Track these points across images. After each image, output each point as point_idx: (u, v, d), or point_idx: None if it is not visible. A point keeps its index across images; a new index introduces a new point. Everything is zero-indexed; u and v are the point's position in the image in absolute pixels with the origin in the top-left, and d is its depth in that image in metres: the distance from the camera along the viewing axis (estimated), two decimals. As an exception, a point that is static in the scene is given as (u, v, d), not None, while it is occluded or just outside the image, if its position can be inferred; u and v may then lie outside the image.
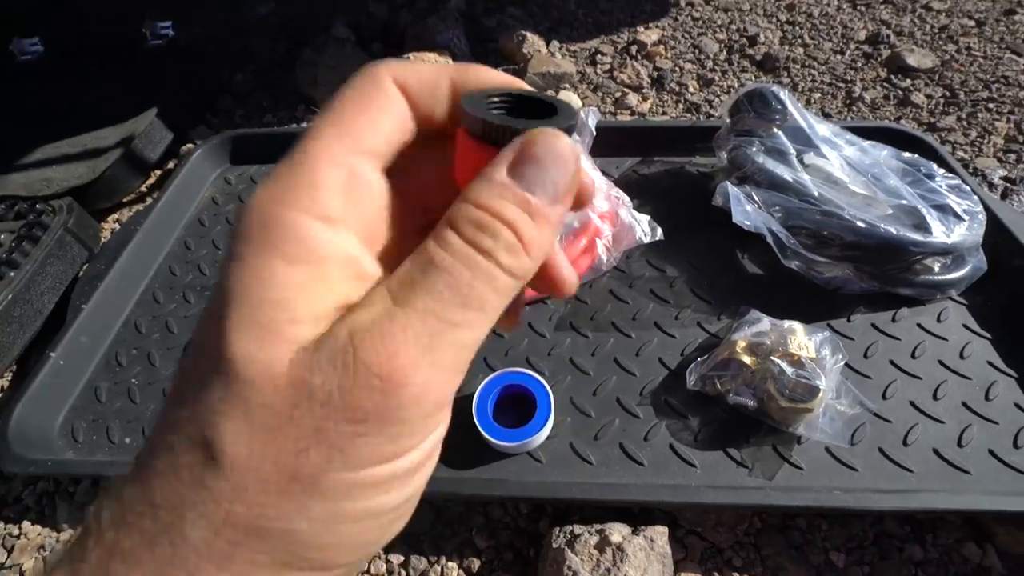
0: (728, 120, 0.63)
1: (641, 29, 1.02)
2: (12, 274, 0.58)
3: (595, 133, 0.64)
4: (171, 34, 0.96)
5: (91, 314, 0.56)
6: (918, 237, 0.50)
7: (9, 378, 0.59)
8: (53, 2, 0.99)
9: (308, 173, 0.15)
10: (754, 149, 0.58)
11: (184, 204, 0.70)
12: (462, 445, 0.45)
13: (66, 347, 0.54)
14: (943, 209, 0.52)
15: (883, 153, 0.59)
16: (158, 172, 0.83)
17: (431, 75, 0.17)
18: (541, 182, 0.15)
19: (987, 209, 0.55)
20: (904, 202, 0.53)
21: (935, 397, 0.48)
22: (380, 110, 0.16)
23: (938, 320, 0.53)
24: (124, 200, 0.78)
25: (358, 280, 0.15)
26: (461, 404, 0.46)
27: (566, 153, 0.15)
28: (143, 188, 0.81)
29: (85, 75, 0.90)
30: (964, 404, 0.47)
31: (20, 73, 0.93)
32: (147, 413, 0.52)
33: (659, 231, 0.58)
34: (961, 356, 0.50)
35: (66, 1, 0.99)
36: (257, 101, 0.94)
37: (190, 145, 0.84)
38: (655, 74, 0.91)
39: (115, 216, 0.78)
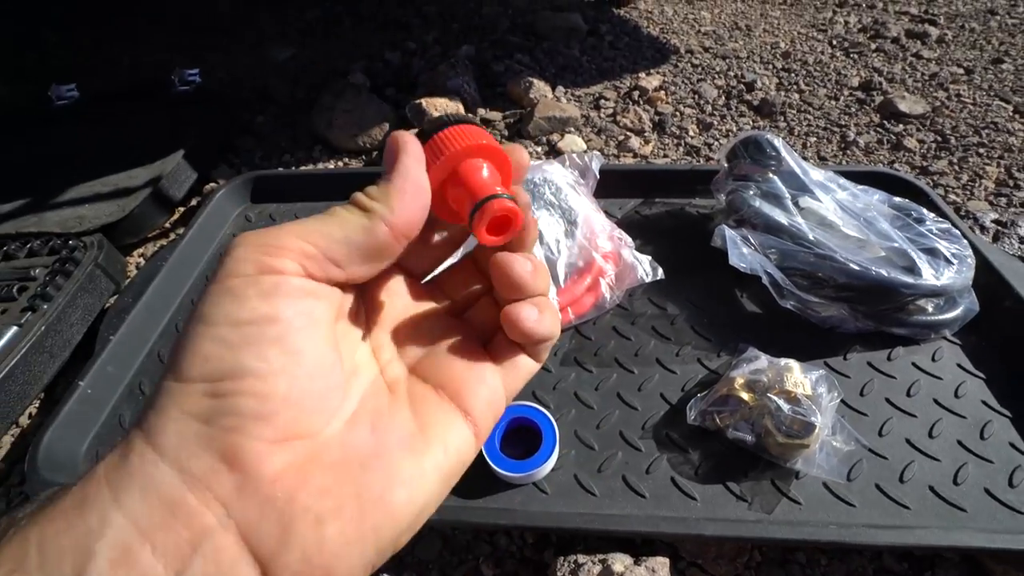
0: (726, 165, 0.66)
1: (643, 75, 1.07)
2: (45, 306, 0.61)
3: (598, 176, 0.67)
4: (198, 80, 1.02)
5: (118, 345, 0.59)
6: (908, 279, 0.52)
7: (38, 405, 0.62)
8: (90, 52, 1.05)
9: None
10: (751, 193, 0.61)
11: (206, 241, 0.74)
12: (470, 475, 0.45)
13: (94, 376, 0.56)
14: (933, 253, 0.55)
15: (875, 198, 0.61)
16: (181, 209, 0.87)
17: None
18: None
19: (978, 252, 0.57)
20: (896, 245, 0.55)
21: (930, 435, 0.49)
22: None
23: (933, 359, 0.55)
24: (149, 236, 0.82)
25: None
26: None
27: (391, 142, 0.24)
28: (167, 224, 0.85)
29: (117, 119, 0.96)
30: (959, 442, 0.48)
31: (57, 117, 0.99)
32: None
33: (660, 271, 0.60)
34: (956, 395, 0.52)
35: (102, 51, 1.06)
36: (276, 142, 0.99)
37: (213, 185, 0.88)
38: (656, 118, 0.96)
39: (140, 251, 0.81)
